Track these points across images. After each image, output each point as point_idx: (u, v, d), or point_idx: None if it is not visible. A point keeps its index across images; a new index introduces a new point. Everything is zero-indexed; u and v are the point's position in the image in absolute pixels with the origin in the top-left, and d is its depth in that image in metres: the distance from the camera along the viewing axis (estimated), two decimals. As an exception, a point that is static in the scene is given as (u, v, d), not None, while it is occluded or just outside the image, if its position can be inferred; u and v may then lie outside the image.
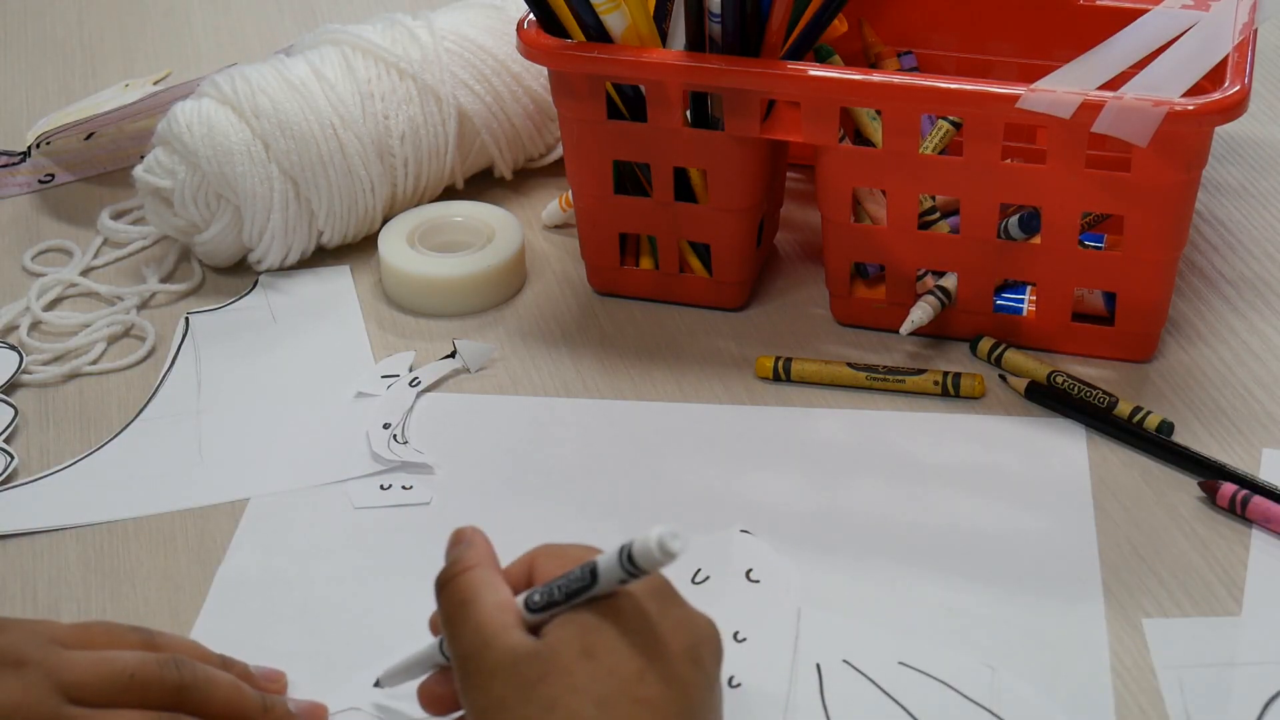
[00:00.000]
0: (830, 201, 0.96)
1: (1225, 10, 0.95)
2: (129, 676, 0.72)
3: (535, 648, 0.67)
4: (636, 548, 0.65)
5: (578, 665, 0.66)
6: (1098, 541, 0.86)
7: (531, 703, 0.65)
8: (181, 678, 0.73)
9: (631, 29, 0.95)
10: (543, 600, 0.68)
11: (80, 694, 0.71)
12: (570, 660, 0.66)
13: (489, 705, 0.66)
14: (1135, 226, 0.92)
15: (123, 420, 0.96)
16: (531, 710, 0.65)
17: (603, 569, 0.67)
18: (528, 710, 0.65)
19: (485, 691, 0.67)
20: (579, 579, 0.67)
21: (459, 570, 0.71)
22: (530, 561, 0.72)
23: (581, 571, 0.67)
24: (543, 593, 0.68)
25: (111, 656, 0.73)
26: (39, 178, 1.17)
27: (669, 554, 0.64)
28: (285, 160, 1.03)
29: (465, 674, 0.68)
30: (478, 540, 0.72)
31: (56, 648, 0.73)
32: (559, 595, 0.68)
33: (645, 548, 0.65)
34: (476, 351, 0.99)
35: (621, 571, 0.66)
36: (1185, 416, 0.93)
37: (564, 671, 0.65)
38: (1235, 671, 0.79)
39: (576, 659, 0.66)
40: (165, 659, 0.74)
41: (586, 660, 0.66)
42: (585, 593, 0.67)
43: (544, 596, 0.68)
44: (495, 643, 0.67)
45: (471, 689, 0.68)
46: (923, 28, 1.07)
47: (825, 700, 0.77)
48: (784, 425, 0.94)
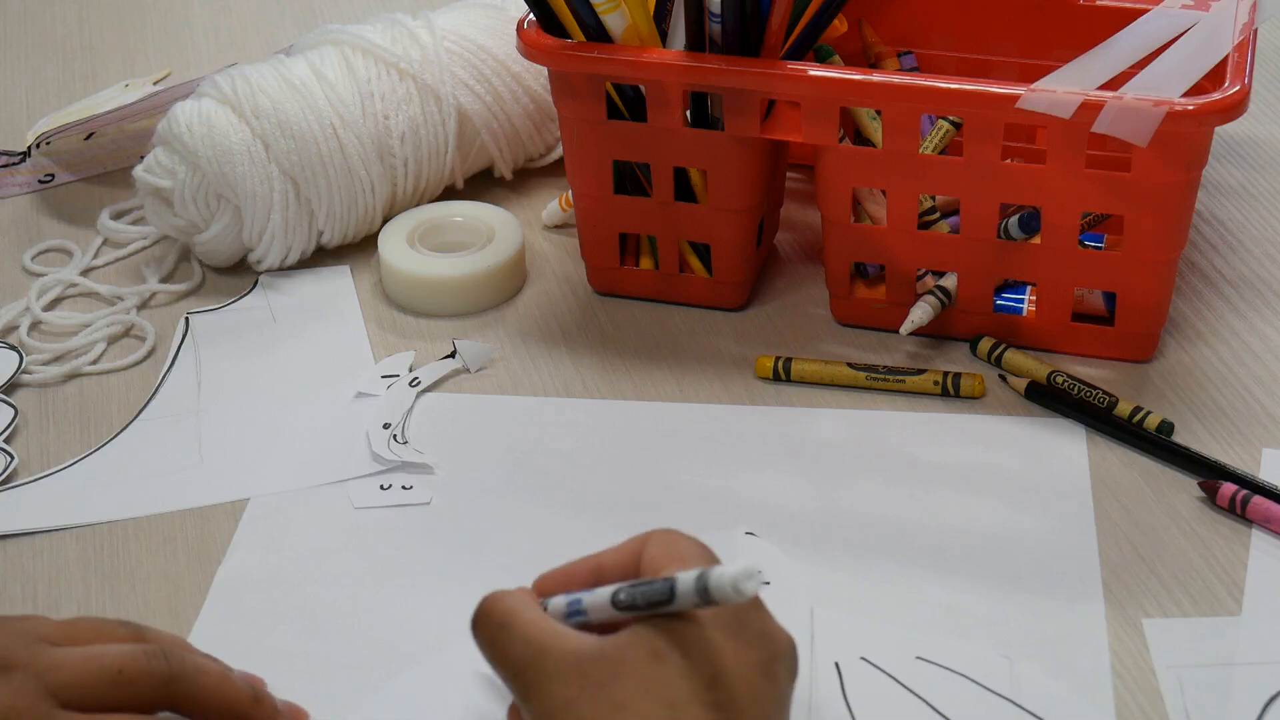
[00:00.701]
0: (830, 201, 0.96)
1: (1225, 10, 0.95)
2: (117, 672, 0.72)
3: (601, 649, 0.66)
4: (712, 583, 0.64)
5: (648, 668, 0.65)
6: (1098, 541, 0.86)
7: (601, 702, 0.64)
8: (170, 669, 0.73)
9: (631, 29, 0.95)
10: (627, 601, 0.67)
11: (70, 694, 0.71)
12: (640, 662, 0.65)
13: (553, 708, 0.65)
14: (1135, 226, 0.92)
15: (123, 420, 0.96)
16: (600, 709, 0.64)
17: (680, 593, 0.66)
18: (596, 709, 0.64)
19: (548, 695, 0.66)
20: (659, 594, 0.66)
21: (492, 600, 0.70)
22: (643, 543, 0.71)
23: (663, 587, 0.66)
24: (628, 593, 0.67)
25: (99, 652, 0.73)
26: (39, 178, 1.17)
27: (741, 594, 0.64)
28: (285, 160, 1.03)
29: (524, 686, 0.67)
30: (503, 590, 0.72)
31: (45, 646, 0.72)
32: (641, 602, 0.67)
33: (720, 584, 0.64)
34: (476, 351, 0.99)
35: (695, 597, 0.65)
36: (1185, 416, 0.93)
37: (634, 673, 0.65)
38: (1235, 671, 0.79)
39: (646, 661, 0.65)
40: (153, 650, 0.73)
41: (657, 663, 0.65)
42: (663, 607, 0.66)
43: (628, 598, 0.67)
44: (553, 647, 0.67)
45: (532, 698, 0.66)
46: (923, 28, 1.07)
47: (848, 698, 0.77)
48: (784, 425, 0.94)
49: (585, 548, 0.86)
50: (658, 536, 0.71)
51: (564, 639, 0.67)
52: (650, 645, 0.65)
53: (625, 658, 0.65)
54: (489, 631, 0.70)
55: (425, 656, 0.80)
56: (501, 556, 0.86)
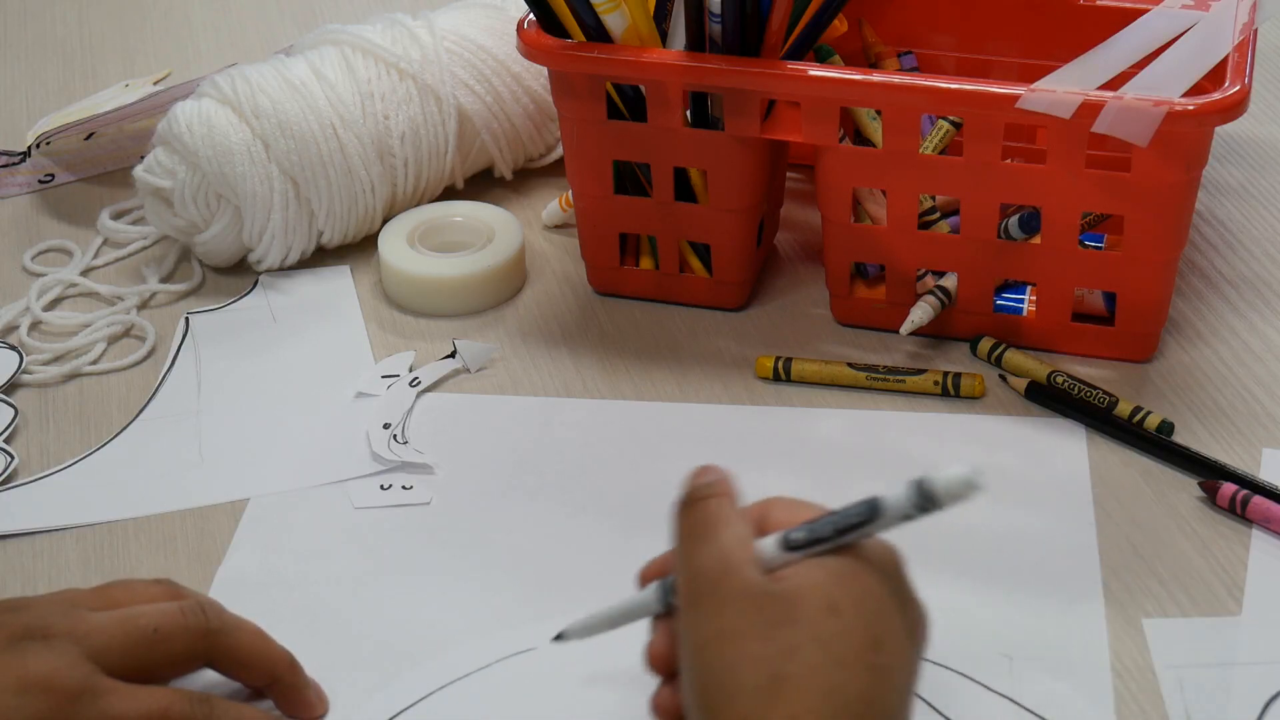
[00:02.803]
0: (830, 201, 0.96)
1: (1225, 10, 0.95)
2: (153, 630, 0.74)
3: (781, 589, 0.65)
4: (940, 481, 0.64)
5: (823, 618, 0.64)
6: (1098, 541, 0.86)
7: (772, 642, 0.64)
8: (208, 623, 0.74)
9: (631, 29, 0.95)
10: (807, 537, 0.66)
11: (109, 658, 0.72)
12: (817, 611, 0.64)
13: (719, 633, 0.65)
14: (1135, 226, 0.92)
15: (123, 420, 0.96)
16: (770, 650, 0.64)
17: (889, 504, 0.65)
18: (766, 649, 0.64)
19: (717, 618, 0.65)
20: (857, 514, 0.66)
21: (710, 493, 0.69)
22: (762, 511, 0.70)
23: (860, 507, 0.66)
24: (809, 530, 0.66)
25: (135, 613, 0.74)
26: (39, 178, 1.17)
27: (973, 488, 0.63)
28: (285, 160, 1.03)
29: (696, 595, 0.66)
30: (724, 476, 0.70)
31: (82, 612, 0.74)
32: (828, 531, 0.66)
33: (950, 480, 0.63)
34: (476, 351, 0.99)
35: (911, 506, 0.65)
36: (1185, 416, 0.93)
37: (810, 621, 0.64)
38: (1235, 671, 0.79)
39: (822, 612, 0.64)
40: (189, 606, 0.75)
41: (832, 616, 0.64)
42: (859, 529, 0.66)
43: (809, 534, 0.66)
44: (738, 571, 0.66)
45: (703, 611, 0.66)
46: (923, 28, 1.07)
47: None
48: (784, 425, 0.94)
49: (585, 548, 0.86)
50: (778, 502, 0.70)
51: (749, 567, 0.66)
52: (828, 596, 0.65)
53: (803, 603, 0.65)
54: (693, 524, 0.69)
55: (425, 656, 0.80)
56: (501, 556, 0.86)
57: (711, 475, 0.71)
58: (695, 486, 0.70)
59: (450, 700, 0.78)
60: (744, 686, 0.63)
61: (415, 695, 0.78)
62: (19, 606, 0.74)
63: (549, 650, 0.80)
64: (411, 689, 0.79)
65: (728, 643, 0.65)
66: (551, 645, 0.76)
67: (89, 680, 0.71)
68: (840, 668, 0.63)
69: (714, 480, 0.70)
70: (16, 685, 0.70)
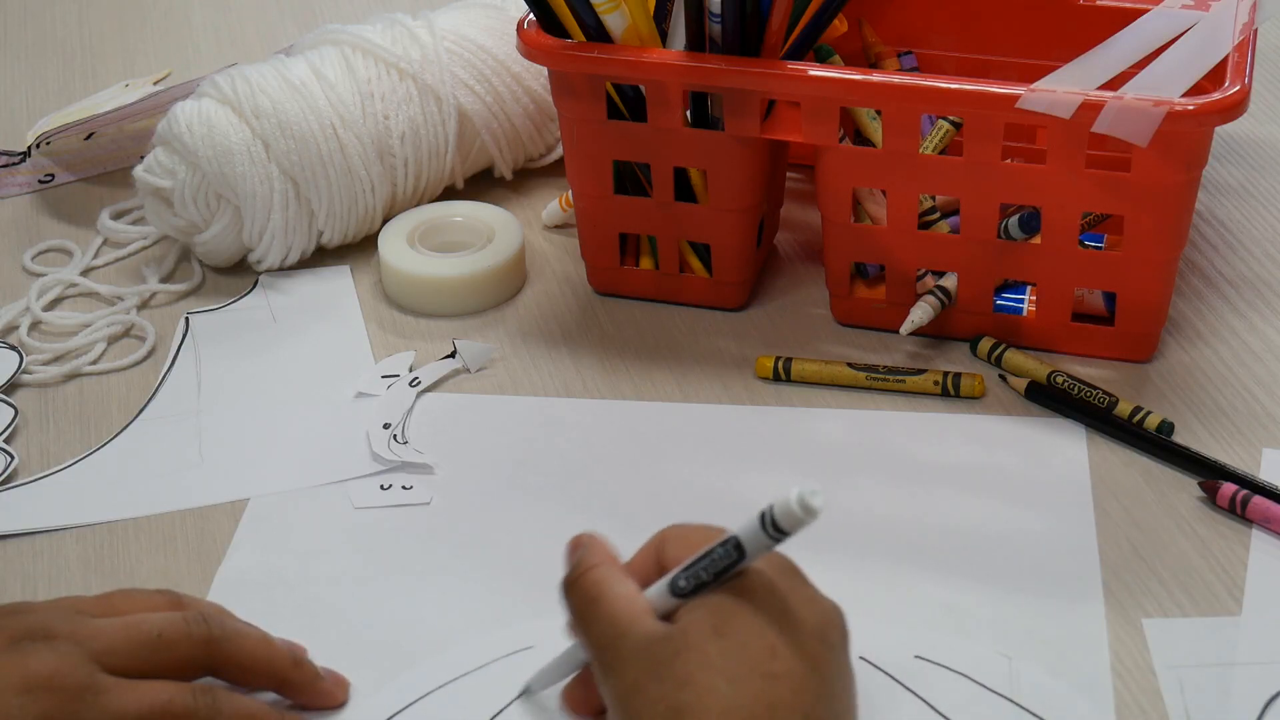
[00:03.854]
0: (830, 201, 0.96)
1: (1225, 10, 0.95)
2: (157, 636, 0.74)
3: (668, 630, 0.67)
4: (778, 511, 0.65)
5: (709, 643, 0.66)
6: (1098, 541, 0.86)
7: (665, 681, 0.66)
8: (210, 632, 0.75)
9: (631, 29, 0.95)
10: (689, 585, 0.68)
11: (111, 660, 0.73)
12: (702, 639, 0.66)
13: (625, 690, 0.67)
14: (1135, 226, 0.92)
15: (123, 420, 0.96)
16: (665, 688, 0.65)
17: (747, 540, 0.67)
18: (662, 689, 0.65)
19: (621, 678, 0.67)
20: (725, 557, 0.67)
21: (583, 570, 0.71)
22: (658, 546, 0.72)
23: (725, 549, 0.67)
24: (688, 576, 0.68)
25: (138, 619, 0.74)
26: (39, 178, 1.17)
27: (811, 511, 0.65)
28: (285, 160, 1.03)
29: (603, 665, 0.69)
30: (595, 544, 0.73)
31: (84, 617, 0.74)
32: (706, 577, 0.68)
33: (787, 509, 0.65)
34: (476, 351, 0.99)
35: (766, 538, 0.66)
36: (1185, 416, 0.93)
37: (696, 649, 0.66)
38: (1235, 671, 0.79)
39: (708, 638, 0.66)
40: (191, 616, 0.75)
41: (718, 639, 0.66)
42: (734, 568, 0.67)
43: (690, 580, 0.68)
44: (630, 631, 0.68)
45: (609, 678, 0.68)
46: (923, 28, 1.07)
47: None
48: (784, 425, 0.94)
49: (585, 548, 0.86)
50: (671, 535, 0.72)
51: (639, 622, 0.68)
52: (710, 622, 0.67)
53: (688, 635, 0.67)
54: (579, 602, 0.71)
55: (426, 656, 0.80)
56: (501, 556, 0.86)
57: (583, 548, 0.72)
58: (572, 565, 0.72)
59: (450, 699, 0.78)
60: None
61: (415, 694, 0.78)
62: (21, 610, 0.74)
63: (548, 648, 0.80)
64: (411, 688, 0.79)
65: (632, 696, 0.66)
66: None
67: (91, 679, 0.71)
68: (734, 684, 0.65)
69: (586, 552, 0.72)
70: (19, 685, 0.70)
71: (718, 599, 0.68)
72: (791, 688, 0.65)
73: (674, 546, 0.72)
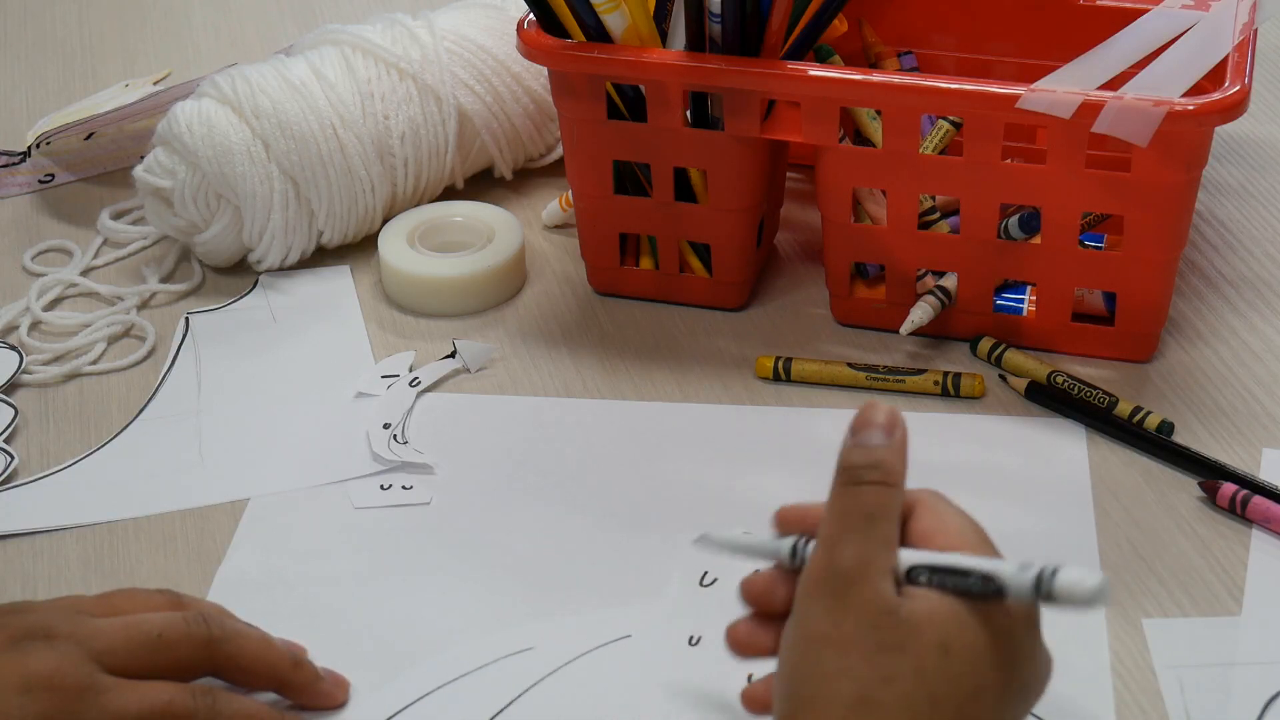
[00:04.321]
0: (830, 201, 0.96)
1: (1225, 10, 0.95)
2: (157, 636, 0.74)
3: (901, 617, 0.65)
4: (1061, 585, 0.63)
5: (932, 655, 0.64)
6: (1098, 541, 0.86)
7: (875, 665, 0.64)
8: (210, 632, 0.75)
9: (631, 29, 0.95)
10: (929, 584, 0.66)
11: (111, 660, 0.73)
12: (928, 646, 0.64)
13: (829, 636, 0.65)
14: (1135, 226, 0.92)
15: (123, 420, 0.96)
16: (871, 671, 0.64)
17: (1011, 589, 0.65)
18: (867, 669, 0.64)
19: (831, 619, 0.65)
20: (979, 589, 0.65)
21: (882, 479, 0.67)
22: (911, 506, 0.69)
23: (983, 584, 0.65)
24: (931, 577, 0.66)
25: (139, 619, 0.75)
26: (39, 178, 1.17)
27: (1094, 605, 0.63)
28: (285, 160, 1.03)
29: (823, 588, 0.66)
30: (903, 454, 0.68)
31: (84, 617, 0.74)
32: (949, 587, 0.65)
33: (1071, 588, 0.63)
34: (476, 351, 0.99)
35: (1031, 595, 0.64)
36: (1185, 416, 0.93)
37: (918, 654, 0.64)
38: (1235, 671, 0.79)
39: (933, 648, 0.64)
40: (192, 616, 0.75)
41: (942, 655, 0.64)
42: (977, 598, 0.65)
43: (932, 579, 0.66)
44: (870, 581, 0.65)
45: (820, 607, 0.65)
46: (923, 28, 1.07)
47: None
48: (784, 425, 0.94)
49: (585, 547, 0.86)
50: (928, 503, 0.69)
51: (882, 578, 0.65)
52: (943, 634, 0.64)
53: (918, 634, 0.64)
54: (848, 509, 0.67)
55: (426, 656, 0.80)
56: (501, 556, 0.86)
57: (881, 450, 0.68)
58: (865, 464, 0.68)
59: (449, 699, 0.78)
60: (835, 697, 0.64)
61: (415, 694, 0.78)
62: (22, 609, 0.75)
63: (548, 649, 0.80)
64: (411, 688, 0.79)
65: (834, 649, 0.65)
66: (543, 646, 0.76)
67: (91, 678, 0.71)
68: (933, 706, 0.63)
69: (883, 462, 0.68)
70: (20, 684, 0.70)
71: (958, 613, 0.65)
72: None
73: (926, 517, 0.68)
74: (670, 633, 0.78)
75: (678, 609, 0.80)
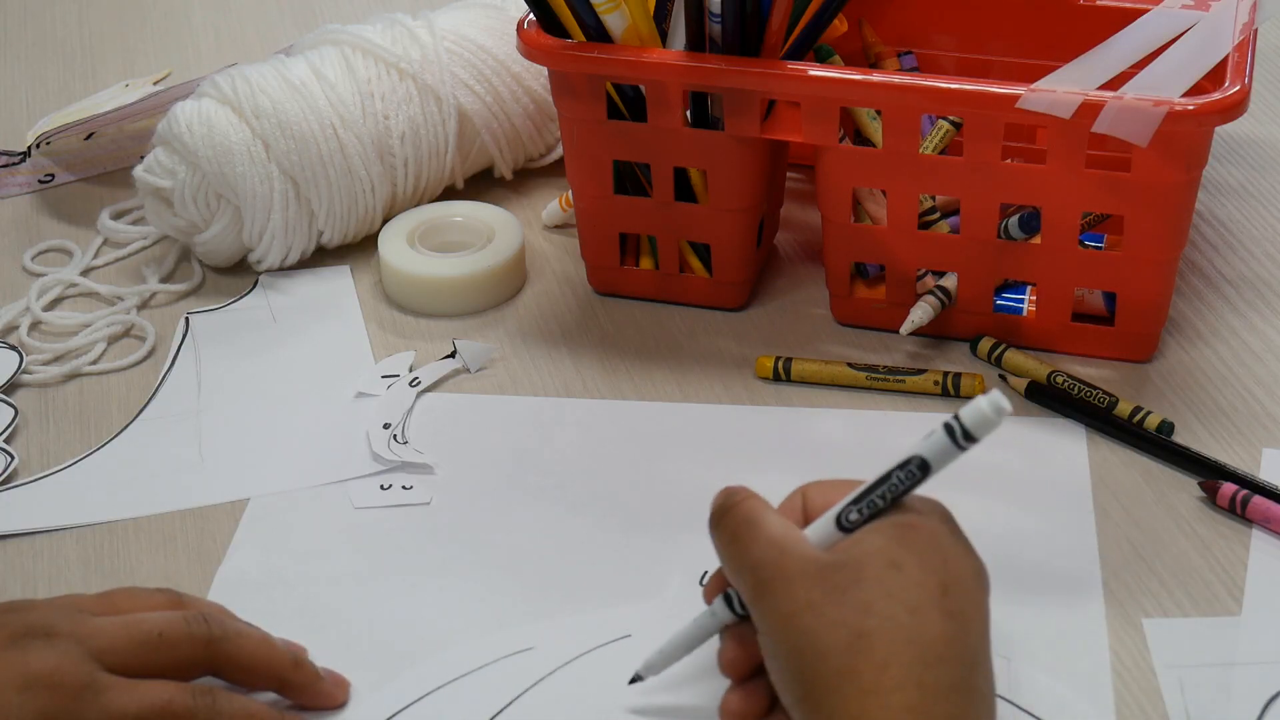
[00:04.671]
0: (830, 201, 0.96)
1: (1225, 10, 0.95)
2: (158, 635, 0.74)
3: (842, 558, 0.69)
4: (969, 419, 0.67)
5: (889, 575, 0.68)
6: (1098, 541, 0.86)
7: (845, 605, 0.67)
8: (210, 631, 0.75)
9: (631, 29, 0.95)
10: (863, 515, 0.70)
11: (112, 658, 0.73)
12: (881, 569, 0.68)
13: (796, 609, 0.68)
14: (1135, 226, 0.92)
15: (123, 420, 0.96)
16: (846, 612, 0.67)
17: (933, 457, 0.69)
18: (842, 612, 0.67)
19: (789, 597, 0.68)
20: (907, 479, 0.69)
21: (738, 499, 0.72)
22: (799, 498, 0.74)
23: (906, 471, 0.69)
24: (860, 508, 0.70)
25: (139, 618, 0.75)
26: (39, 178, 1.17)
27: (1002, 411, 0.66)
28: (285, 160, 1.03)
29: (762, 582, 0.69)
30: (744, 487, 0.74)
31: (85, 616, 0.74)
32: (883, 503, 0.70)
33: (980, 415, 0.67)
34: (476, 351, 0.99)
35: (955, 449, 0.68)
36: (1185, 416, 0.93)
37: (876, 580, 0.67)
38: (1235, 671, 0.79)
39: (887, 569, 0.68)
40: (192, 615, 0.75)
41: (896, 571, 0.68)
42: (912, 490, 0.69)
43: (864, 510, 0.70)
44: (794, 551, 0.69)
45: (771, 596, 0.69)
46: (923, 28, 1.07)
47: None
48: (784, 425, 0.94)
49: (585, 548, 0.86)
50: (813, 489, 0.74)
51: (803, 545, 0.70)
52: (887, 555, 0.68)
53: (866, 565, 0.68)
54: (733, 526, 0.72)
55: (426, 656, 0.80)
56: (501, 556, 0.86)
57: (731, 489, 0.74)
58: (721, 499, 0.73)
59: (449, 699, 0.78)
60: (831, 647, 0.67)
61: (415, 694, 0.78)
62: (22, 608, 0.75)
63: (547, 649, 0.80)
64: (411, 688, 0.79)
65: (805, 614, 0.68)
66: (543, 647, 0.77)
67: (91, 677, 0.71)
68: (915, 615, 0.67)
69: (737, 488, 0.73)
70: (19, 682, 0.70)
71: (888, 533, 0.69)
72: (964, 627, 0.67)
73: (818, 496, 0.73)
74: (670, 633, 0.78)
75: (677, 609, 0.80)
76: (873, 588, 0.67)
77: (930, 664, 0.66)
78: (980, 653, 0.68)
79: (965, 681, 0.67)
